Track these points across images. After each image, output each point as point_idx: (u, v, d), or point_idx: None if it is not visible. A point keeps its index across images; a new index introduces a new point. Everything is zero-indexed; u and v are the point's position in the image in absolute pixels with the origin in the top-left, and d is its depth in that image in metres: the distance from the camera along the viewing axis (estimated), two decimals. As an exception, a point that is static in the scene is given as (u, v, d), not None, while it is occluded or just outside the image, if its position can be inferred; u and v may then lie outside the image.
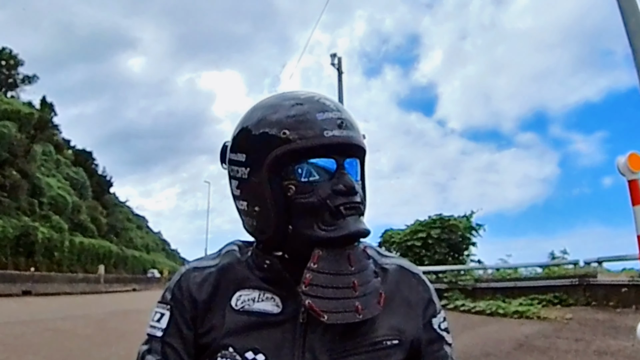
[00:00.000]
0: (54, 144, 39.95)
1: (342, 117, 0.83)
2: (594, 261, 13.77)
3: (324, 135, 0.80)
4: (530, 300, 12.54)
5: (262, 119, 0.85)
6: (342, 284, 0.80)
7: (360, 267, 0.82)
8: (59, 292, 24.03)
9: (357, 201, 0.82)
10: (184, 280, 0.90)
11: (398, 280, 0.92)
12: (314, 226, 0.80)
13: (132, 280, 36.20)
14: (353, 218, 0.81)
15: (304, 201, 0.80)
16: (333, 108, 0.84)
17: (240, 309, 0.85)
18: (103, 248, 35.77)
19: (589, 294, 12.08)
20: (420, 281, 0.95)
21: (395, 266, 0.94)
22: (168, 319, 0.88)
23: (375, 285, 0.83)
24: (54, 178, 34.98)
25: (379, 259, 0.94)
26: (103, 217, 41.93)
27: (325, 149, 0.81)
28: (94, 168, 48.43)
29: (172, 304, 0.89)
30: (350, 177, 0.82)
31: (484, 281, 15.34)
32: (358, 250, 0.84)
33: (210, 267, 0.91)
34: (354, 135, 0.84)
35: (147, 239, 57.63)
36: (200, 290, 0.88)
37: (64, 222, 31.31)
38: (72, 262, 30.61)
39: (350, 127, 0.83)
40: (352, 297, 0.79)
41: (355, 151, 0.85)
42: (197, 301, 0.87)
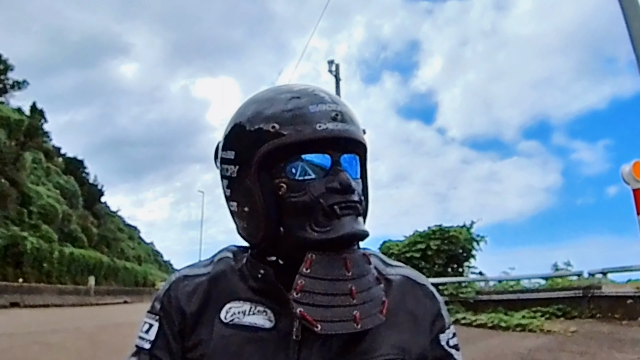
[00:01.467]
0: (44, 151, 39.90)
1: (339, 109, 0.79)
2: (599, 272, 13.77)
3: (317, 129, 0.76)
4: (533, 313, 12.51)
5: (251, 114, 0.81)
6: (339, 290, 0.75)
7: (358, 273, 0.77)
8: (48, 304, 23.91)
9: (354, 200, 0.78)
10: (173, 289, 0.88)
11: (403, 292, 0.87)
12: (306, 227, 0.76)
13: (123, 292, 36.04)
14: (349, 218, 0.76)
15: (295, 200, 0.76)
16: (328, 100, 0.80)
17: (230, 322, 0.81)
18: (94, 259, 35.59)
19: (593, 306, 12.06)
20: (427, 293, 0.89)
21: (400, 277, 0.89)
22: (156, 330, 0.86)
23: (377, 293, 0.78)
24: (44, 187, 34.88)
25: (384, 268, 0.89)
26: (94, 227, 41.82)
27: (318, 143, 0.77)
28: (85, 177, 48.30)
29: (161, 314, 0.87)
30: (346, 174, 0.77)
31: (485, 293, 15.31)
32: (357, 254, 0.79)
33: (201, 275, 0.88)
34: (351, 129, 0.79)
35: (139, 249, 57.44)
36: (190, 302, 0.85)
37: (54, 232, 31.20)
38: (61, 273, 30.44)
39: (347, 120, 0.79)
40: (349, 305, 0.74)
41: (354, 146, 0.81)
42: (185, 313, 0.85)
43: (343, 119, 0.79)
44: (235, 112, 0.86)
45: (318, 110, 0.78)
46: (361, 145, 0.82)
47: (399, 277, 0.89)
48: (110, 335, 12.71)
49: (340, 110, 0.79)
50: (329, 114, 0.78)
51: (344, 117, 0.79)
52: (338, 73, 18.81)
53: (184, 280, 0.88)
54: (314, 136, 0.76)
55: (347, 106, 0.83)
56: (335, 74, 18.79)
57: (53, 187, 36.83)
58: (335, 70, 18.83)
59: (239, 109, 0.86)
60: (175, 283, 0.89)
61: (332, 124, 0.77)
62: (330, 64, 18.99)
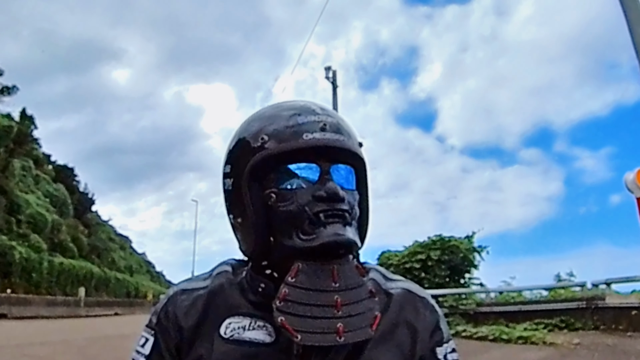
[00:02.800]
0: (33, 158, 39.80)
1: (328, 120, 0.81)
2: (602, 283, 13.78)
3: (304, 138, 0.78)
4: (536, 325, 12.52)
5: (244, 129, 0.86)
6: (322, 301, 0.75)
7: (346, 284, 0.77)
8: (36, 315, 23.78)
9: (341, 208, 0.78)
10: (171, 304, 0.88)
11: (403, 304, 0.88)
12: (293, 236, 0.77)
13: (114, 304, 35.90)
14: (335, 226, 0.76)
15: (283, 209, 0.78)
16: (319, 112, 0.82)
17: (230, 338, 0.81)
18: (84, 269, 35.45)
19: (597, 317, 12.07)
20: (427, 305, 0.90)
21: (400, 290, 0.90)
22: (152, 345, 0.86)
23: (368, 307, 0.77)
24: (33, 195, 34.80)
25: (384, 282, 0.91)
26: (84, 237, 41.67)
27: (306, 153, 0.79)
28: (76, 185, 48.19)
29: (157, 329, 0.87)
30: (334, 183, 0.78)
31: (486, 305, 15.31)
32: (347, 265, 0.79)
33: (199, 289, 0.88)
34: (340, 139, 0.81)
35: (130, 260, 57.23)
36: (187, 317, 0.85)
37: (43, 242, 31.08)
38: (51, 283, 30.30)
39: (336, 130, 0.81)
40: (332, 317, 0.74)
41: (345, 157, 0.83)
42: (183, 328, 0.85)
43: (332, 129, 0.81)
44: (236, 128, 0.90)
45: (307, 120, 0.80)
46: (355, 156, 0.84)
47: (399, 290, 0.90)
48: (101, 348, 12.64)
49: (330, 122, 0.81)
50: (317, 125, 0.80)
51: (334, 127, 0.81)
52: (335, 79, 18.85)
53: (182, 295, 0.89)
54: (300, 146, 0.78)
55: (340, 118, 0.85)
56: (332, 80, 18.83)
57: (43, 195, 36.76)
58: (332, 77, 18.87)
59: (239, 125, 0.90)
60: (173, 297, 0.89)
61: (320, 134, 0.79)
62: (327, 70, 19.05)
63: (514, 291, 16.18)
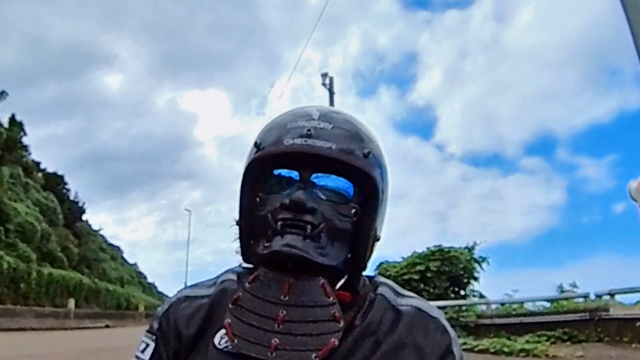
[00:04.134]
0: (22, 166, 39.66)
1: (319, 126, 0.80)
2: (606, 294, 13.81)
3: (284, 144, 0.79)
4: (538, 337, 12.52)
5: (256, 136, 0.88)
6: (265, 312, 0.75)
7: (297, 301, 0.75)
8: (24, 327, 23.59)
9: (303, 219, 0.76)
10: (173, 310, 0.89)
11: (412, 324, 0.83)
12: (259, 242, 0.79)
13: (104, 316, 35.67)
14: (291, 237, 0.75)
15: (258, 214, 0.81)
16: (315, 118, 0.82)
17: (224, 349, 0.80)
18: (74, 280, 35.24)
19: (601, 329, 12.08)
20: (438, 326, 0.85)
21: (410, 308, 0.86)
22: (152, 350, 0.87)
23: (320, 329, 0.74)
24: (22, 203, 34.65)
25: (394, 298, 0.87)
26: (74, 247, 41.46)
27: (288, 159, 0.80)
28: (66, 193, 48.01)
29: (158, 334, 0.88)
30: (303, 192, 0.77)
31: (487, 317, 15.30)
32: (308, 281, 0.77)
33: (202, 297, 0.88)
34: (320, 145, 0.78)
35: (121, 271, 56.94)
36: (188, 325, 0.86)
37: (32, 251, 30.90)
38: (39, 294, 30.09)
39: (322, 137, 0.79)
40: (270, 331, 0.74)
41: (331, 166, 0.80)
42: (182, 336, 0.85)
43: (318, 136, 0.79)
44: None
45: (295, 126, 0.81)
46: (348, 166, 0.80)
47: (410, 308, 0.86)
48: (91, 361, 12.58)
49: (320, 127, 0.80)
50: (302, 130, 0.80)
51: (321, 133, 0.79)
52: (332, 86, 18.95)
53: (185, 302, 0.90)
54: (278, 151, 0.79)
55: (343, 125, 0.83)
56: (329, 87, 18.93)
57: (32, 203, 36.61)
58: (329, 84, 18.97)
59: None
60: (176, 304, 0.90)
61: (300, 140, 0.79)
62: (324, 77, 19.16)
63: (515, 303, 16.19)
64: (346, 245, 0.81)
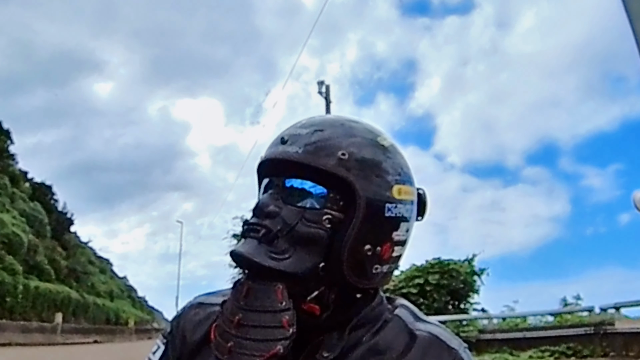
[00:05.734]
0: (9, 175, 39.51)
1: (295, 132, 0.82)
2: (611, 307, 13.84)
3: (264, 153, 0.84)
4: (541, 353, 12.52)
5: None
6: (226, 316, 0.77)
7: (252, 305, 0.75)
8: (10, 342, 23.43)
9: (258, 223, 0.77)
10: (184, 315, 0.94)
11: (426, 351, 0.80)
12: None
13: (93, 331, 35.46)
14: (249, 241, 0.77)
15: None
16: (297, 125, 0.84)
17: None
18: (61, 294, 35.04)
19: (606, 343, 12.08)
20: (456, 358, 0.81)
21: (428, 334, 0.82)
22: (161, 353, 0.92)
23: (267, 335, 0.73)
24: (8, 214, 34.49)
25: (412, 322, 0.85)
26: (62, 259, 41.25)
27: (264, 167, 0.85)
28: (54, 204, 47.82)
29: (169, 338, 0.93)
30: (269, 197, 0.79)
31: (489, 332, 15.31)
32: (265, 286, 0.75)
33: (214, 305, 0.89)
34: (290, 151, 0.79)
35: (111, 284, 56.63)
36: (195, 331, 0.89)
37: (18, 264, 30.70)
38: (26, 309, 29.89)
39: (295, 143, 0.80)
40: (229, 334, 0.75)
41: (300, 171, 0.79)
42: (187, 342, 0.89)
43: (291, 142, 0.80)
44: None
45: (280, 135, 0.83)
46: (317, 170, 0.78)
47: (427, 335, 0.82)
48: (79, 376, 12.51)
49: (294, 134, 0.81)
50: (279, 138, 0.82)
51: (294, 140, 0.80)
52: (328, 94, 19.03)
53: (197, 308, 0.94)
54: (260, 161, 0.84)
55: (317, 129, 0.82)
56: (325, 95, 19.03)
57: (19, 214, 36.44)
58: (325, 92, 19.06)
59: None
60: (189, 309, 0.95)
61: (275, 147, 0.82)
62: (320, 85, 19.27)
63: (518, 317, 16.21)
64: (316, 253, 0.77)
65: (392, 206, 0.80)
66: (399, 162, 0.85)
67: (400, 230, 0.82)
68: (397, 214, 0.81)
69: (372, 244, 0.79)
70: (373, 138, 0.84)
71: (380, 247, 0.80)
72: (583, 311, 14.90)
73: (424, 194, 0.92)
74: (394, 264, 0.85)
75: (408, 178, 0.86)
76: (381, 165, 0.82)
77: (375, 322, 0.84)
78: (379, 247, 0.80)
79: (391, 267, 0.84)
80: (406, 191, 0.84)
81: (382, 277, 0.83)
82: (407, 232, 0.85)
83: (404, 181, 0.84)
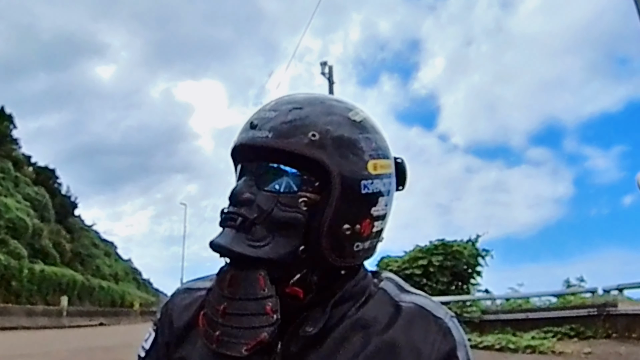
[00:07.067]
0: (12, 160, 39.64)
1: (264, 116, 0.80)
2: (614, 289, 13.85)
3: (236, 139, 0.83)
4: (544, 333, 12.56)
5: None
6: (212, 305, 0.78)
7: (236, 293, 0.75)
8: (16, 326, 23.66)
9: (235, 212, 0.77)
10: (171, 301, 0.94)
11: (412, 323, 0.79)
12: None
13: (98, 314, 35.74)
14: (227, 230, 0.77)
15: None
16: (266, 108, 0.82)
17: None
18: (66, 277, 35.29)
19: (609, 325, 12.12)
20: (442, 329, 0.79)
21: (413, 305, 0.82)
22: (152, 340, 0.93)
23: (252, 323, 0.73)
24: (13, 198, 34.63)
25: (397, 294, 0.84)
26: (67, 243, 41.50)
27: (235, 154, 0.84)
28: (57, 187, 47.97)
29: (158, 324, 0.93)
30: (243, 184, 0.78)
31: (492, 313, 15.35)
32: (246, 274, 0.75)
33: (201, 289, 0.91)
34: (260, 136, 0.78)
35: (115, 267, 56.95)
36: (181, 316, 0.90)
37: (23, 248, 30.92)
38: (31, 292, 30.14)
39: (264, 127, 0.78)
40: (215, 322, 0.76)
41: (270, 155, 0.78)
42: (174, 327, 0.89)
43: (260, 126, 0.79)
44: None
45: (249, 119, 0.82)
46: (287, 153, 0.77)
47: (412, 305, 0.82)
48: (85, 360, 12.62)
49: (263, 117, 0.80)
50: (248, 123, 0.81)
51: (262, 124, 0.79)
52: (331, 75, 18.95)
53: (184, 293, 0.94)
54: (231, 149, 0.83)
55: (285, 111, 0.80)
56: (328, 76, 18.94)
57: (23, 198, 36.57)
58: (328, 73, 18.97)
59: None
60: (176, 295, 0.95)
61: (245, 133, 0.81)
62: (323, 65, 19.17)
63: (521, 298, 16.23)
64: (295, 237, 0.76)
65: (368, 182, 0.79)
66: (373, 136, 0.83)
67: (379, 206, 0.81)
68: (375, 190, 0.80)
69: (351, 222, 0.78)
70: (343, 114, 0.82)
71: (359, 224, 0.79)
72: (586, 292, 14.92)
73: (402, 162, 0.90)
74: (376, 239, 0.84)
75: (383, 151, 0.84)
76: (354, 141, 0.80)
77: (359, 296, 0.83)
78: (358, 225, 0.79)
79: (373, 242, 0.84)
80: (382, 165, 0.82)
81: (365, 253, 0.83)
82: (387, 206, 0.84)
83: (379, 155, 0.82)
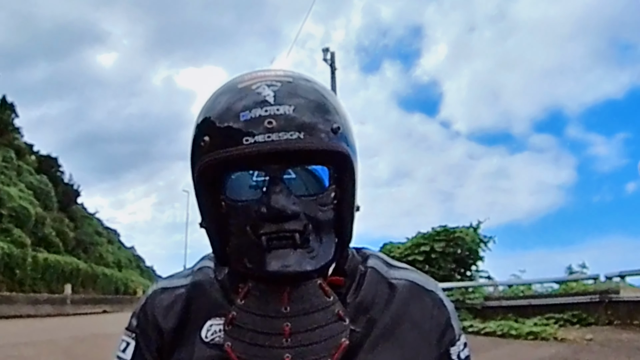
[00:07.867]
0: (15, 149, 39.66)
1: (278, 113, 0.69)
2: (616, 275, 13.87)
3: (244, 143, 0.68)
4: (546, 320, 12.58)
5: (197, 119, 0.78)
6: (270, 329, 0.71)
7: (300, 310, 0.72)
8: (20, 314, 23.78)
9: (288, 229, 0.70)
10: (150, 304, 0.86)
11: (408, 300, 0.81)
12: (243, 260, 0.73)
13: (102, 301, 35.88)
14: (281, 252, 0.70)
15: (232, 226, 0.74)
16: (269, 101, 0.70)
17: (211, 342, 0.78)
18: (70, 265, 35.42)
19: (611, 311, 12.14)
20: (436, 301, 0.83)
21: (405, 282, 0.83)
22: (133, 349, 0.84)
23: (329, 333, 0.71)
24: (15, 187, 34.68)
25: (386, 270, 0.85)
26: (70, 231, 41.60)
27: (249, 159, 0.70)
28: (60, 176, 47.98)
29: (138, 332, 0.85)
30: (281, 197, 0.69)
31: (494, 299, 15.37)
32: (305, 287, 0.73)
33: (180, 287, 0.86)
34: (290, 139, 0.68)
35: (119, 254, 57.15)
36: (167, 318, 0.83)
37: (27, 236, 31.03)
38: (35, 280, 30.29)
39: (288, 126, 0.69)
40: (279, 347, 0.70)
41: (302, 158, 0.71)
42: (162, 330, 0.83)
43: (280, 126, 0.68)
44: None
45: (251, 117, 0.69)
46: (322, 153, 0.72)
47: (404, 282, 0.83)
48: (88, 348, 12.67)
49: (280, 114, 0.69)
50: (261, 123, 0.68)
51: (284, 122, 0.69)
52: (333, 62, 18.85)
53: (162, 294, 0.86)
54: (241, 153, 0.68)
55: (300, 103, 0.72)
56: (330, 62, 18.84)
57: (25, 187, 36.64)
58: (330, 59, 18.87)
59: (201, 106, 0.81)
60: (152, 297, 0.87)
61: (263, 137, 0.68)
62: (324, 52, 19.05)
63: (523, 284, 16.26)
64: (332, 233, 0.76)
65: (355, 158, 0.77)
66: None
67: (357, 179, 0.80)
68: (356, 162, 0.78)
69: (355, 201, 0.79)
70: (334, 96, 0.80)
71: (355, 199, 0.79)
72: (588, 279, 14.95)
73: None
74: None
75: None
76: (350, 127, 0.79)
77: (352, 277, 0.82)
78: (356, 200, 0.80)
79: None
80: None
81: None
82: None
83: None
